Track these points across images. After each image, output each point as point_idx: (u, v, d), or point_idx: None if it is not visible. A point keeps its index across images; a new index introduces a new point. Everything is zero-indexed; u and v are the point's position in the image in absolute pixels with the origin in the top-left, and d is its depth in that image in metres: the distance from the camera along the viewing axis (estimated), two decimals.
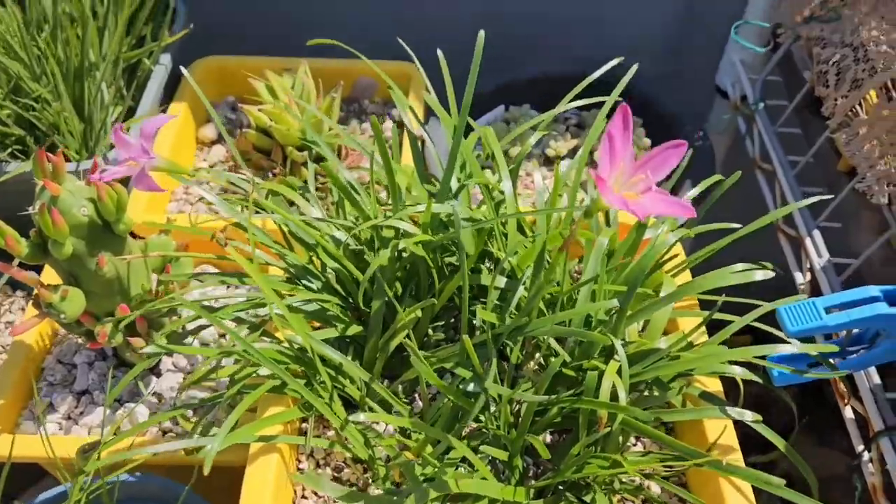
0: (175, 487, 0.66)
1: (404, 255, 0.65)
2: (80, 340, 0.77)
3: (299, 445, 0.63)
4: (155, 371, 0.75)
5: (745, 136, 0.96)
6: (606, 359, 0.57)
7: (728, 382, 0.63)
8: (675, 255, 0.66)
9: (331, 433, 0.65)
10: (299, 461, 0.63)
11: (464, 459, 0.59)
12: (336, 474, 0.63)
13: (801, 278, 0.79)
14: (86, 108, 0.82)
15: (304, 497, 0.61)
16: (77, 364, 0.75)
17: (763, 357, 0.57)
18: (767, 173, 0.90)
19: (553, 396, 0.57)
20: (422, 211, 0.61)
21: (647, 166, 0.43)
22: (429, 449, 0.58)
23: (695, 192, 0.70)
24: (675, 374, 0.57)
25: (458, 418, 0.59)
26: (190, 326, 0.75)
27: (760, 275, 0.57)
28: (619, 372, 0.55)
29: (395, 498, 0.54)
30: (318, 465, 0.63)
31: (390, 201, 0.65)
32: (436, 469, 0.56)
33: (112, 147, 0.85)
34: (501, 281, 0.62)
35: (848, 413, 0.69)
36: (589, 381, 0.55)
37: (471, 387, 0.58)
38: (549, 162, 0.96)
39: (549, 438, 0.65)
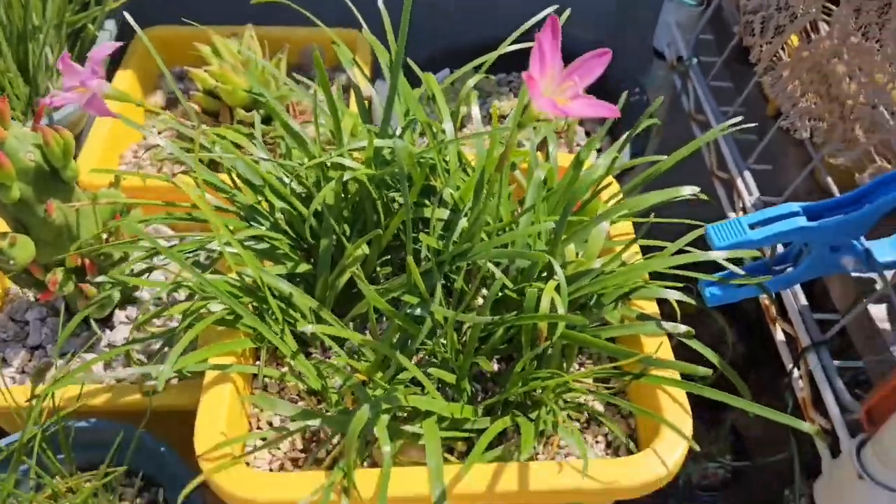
0: (128, 430, 0.67)
1: (349, 193, 0.67)
2: (30, 296, 0.78)
3: (252, 381, 0.65)
4: (108, 324, 0.75)
5: (681, 91, 1.00)
6: (547, 281, 0.60)
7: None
8: (609, 184, 0.69)
9: (284, 369, 0.66)
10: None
11: (413, 383, 0.61)
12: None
13: (734, 217, 0.83)
14: (30, 70, 0.82)
15: (258, 428, 0.63)
16: (29, 321, 0.75)
17: (689, 267, 0.61)
18: (702, 124, 0.94)
19: (497, 317, 0.59)
20: (364, 147, 0.64)
21: (575, 74, 0.46)
22: (379, 374, 0.60)
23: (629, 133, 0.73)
24: (610, 287, 0.60)
25: (407, 345, 0.61)
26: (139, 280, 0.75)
27: (688, 190, 0.61)
28: (558, 291, 0.58)
29: (346, 416, 0.56)
30: None
31: (335, 143, 0.67)
32: (385, 391, 0.58)
33: (56, 108, 0.85)
34: (444, 213, 0.64)
35: (779, 335, 0.73)
36: (529, 298, 0.58)
37: (418, 311, 0.60)
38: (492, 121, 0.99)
39: (496, 367, 0.67)
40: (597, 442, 0.63)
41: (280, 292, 0.62)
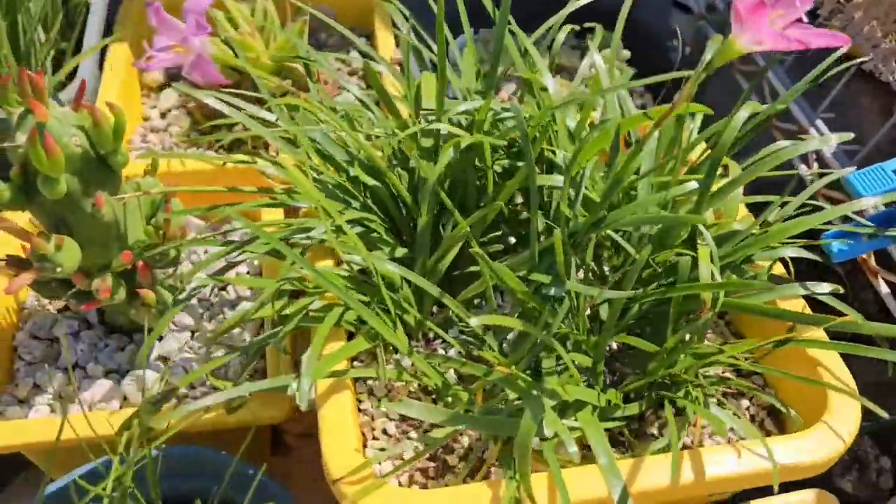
0: (214, 455, 0.58)
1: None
2: (50, 308, 0.67)
3: (356, 386, 0.57)
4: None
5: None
6: (686, 247, 0.54)
7: None
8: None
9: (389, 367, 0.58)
10: (360, 402, 0.56)
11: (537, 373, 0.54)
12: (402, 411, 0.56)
13: (806, 170, 0.79)
14: (21, 44, 0.70)
15: (374, 439, 0.55)
16: (59, 337, 0.64)
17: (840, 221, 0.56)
18: (748, 74, 0.90)
19: (639, 291, 0.53)
20: (466, 111, 0.56)
21: None
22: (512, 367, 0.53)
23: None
24: (759, 250, 0.55)
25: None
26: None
27: (837, 138, 0.56)
28: None
29: (494, 416, 0.49)
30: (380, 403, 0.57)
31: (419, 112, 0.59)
32: (528, 383, 0.51)
33: (59, 88, 0.73)
34: (558, 179, 0.57)
35: (883, 288, 0.70)
36: (682, 267, 0.52)
37: (552, 290, 0.53)
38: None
39: (615, 346, 0.61)
40: (739, 418, 0.58)
41: (391, 281, 0.54)
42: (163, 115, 0.85)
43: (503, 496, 0.47)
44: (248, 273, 0.70)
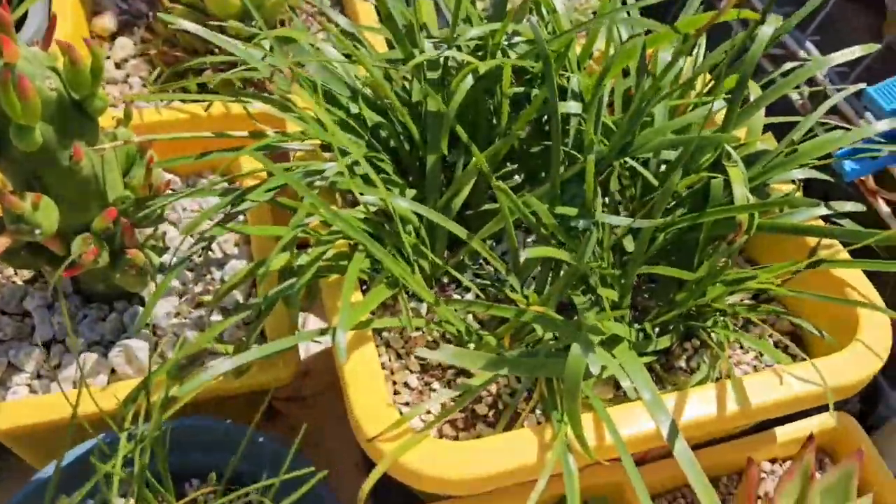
0: (216, 425, 0.54)
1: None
2: (16, 280, 0.61)
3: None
4: (133, 300, 0.60)
5: None
6: (712, 171, 0.52)
7: None
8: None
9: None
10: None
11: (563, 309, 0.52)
12: (422, 362, 0.53)
13: (797, 96, 0.78)
14: None
15: (396, 393, 0.52)
16: (31, 310, 0.59)
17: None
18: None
19: (668, 219, 0.51)
20: (477, 36, 0.52)
21: None
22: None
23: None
24: (789, 170, 0.53)
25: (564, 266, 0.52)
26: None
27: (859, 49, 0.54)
28: None
29: (532, 359, 0.46)
30: (398, 357, 0.53)
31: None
32: (564, 321, 0.48)
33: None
34: (574, 106, 0.54)
35: (883, 207, 0.69)
36: (715, 188, 0.50)
37: (580, 224, 0.50)
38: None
39: (635, 281, 0.59)
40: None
41: (408, 222, 0.50)
42: (118, 66, 0.78)
43: (551, 439, 0.44)
44: (234, 243, 0.65)
